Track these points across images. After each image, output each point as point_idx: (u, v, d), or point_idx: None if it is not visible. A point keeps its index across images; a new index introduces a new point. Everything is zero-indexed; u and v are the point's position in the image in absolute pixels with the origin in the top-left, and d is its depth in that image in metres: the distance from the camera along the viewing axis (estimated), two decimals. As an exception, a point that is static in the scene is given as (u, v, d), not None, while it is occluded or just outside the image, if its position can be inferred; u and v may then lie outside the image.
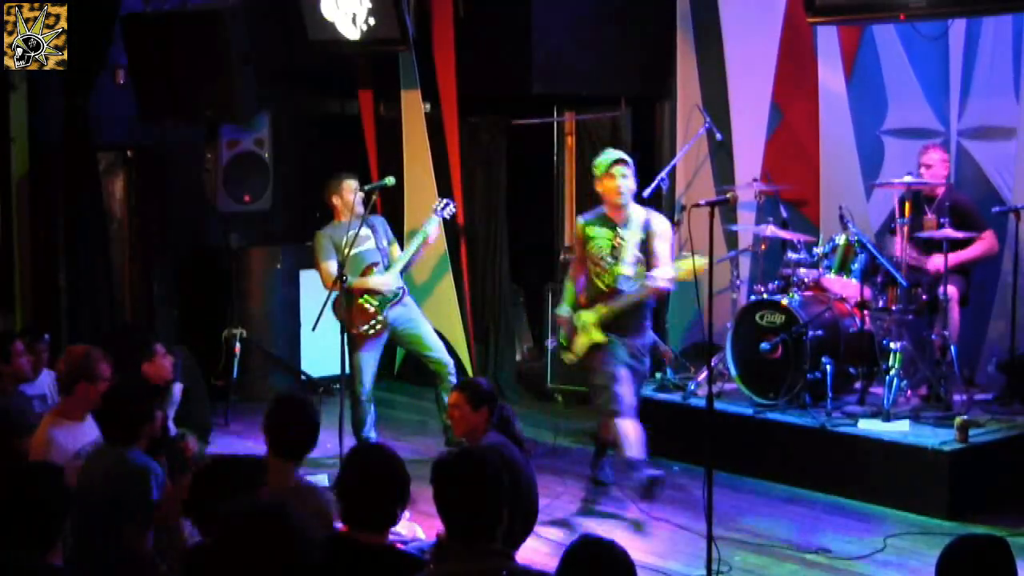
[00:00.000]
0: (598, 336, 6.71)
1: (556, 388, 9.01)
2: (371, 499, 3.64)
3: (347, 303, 7.41)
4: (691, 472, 7.19)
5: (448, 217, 7.97)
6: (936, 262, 7.33)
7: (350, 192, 7.64)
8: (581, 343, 6.80)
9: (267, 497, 3.90)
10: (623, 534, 6.30)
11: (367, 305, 7.55)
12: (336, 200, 7.70)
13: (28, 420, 5.88)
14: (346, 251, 7.44)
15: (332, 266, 7.52)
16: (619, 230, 6.74)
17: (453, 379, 7.57)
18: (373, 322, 7.56)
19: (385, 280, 7.60)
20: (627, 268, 6.69)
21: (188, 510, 4.00)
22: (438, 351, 7.70)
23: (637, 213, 6.81)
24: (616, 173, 6.73)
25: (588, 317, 6.78)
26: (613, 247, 6.73)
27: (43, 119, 8.70)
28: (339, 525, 3.85)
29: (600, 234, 6.79)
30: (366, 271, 7.62)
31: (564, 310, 6.98)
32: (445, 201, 7.96)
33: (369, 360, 7.63)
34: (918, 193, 7.47)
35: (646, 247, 6.72)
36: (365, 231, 7.61)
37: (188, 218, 9.75)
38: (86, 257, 8.69)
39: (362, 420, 7.69)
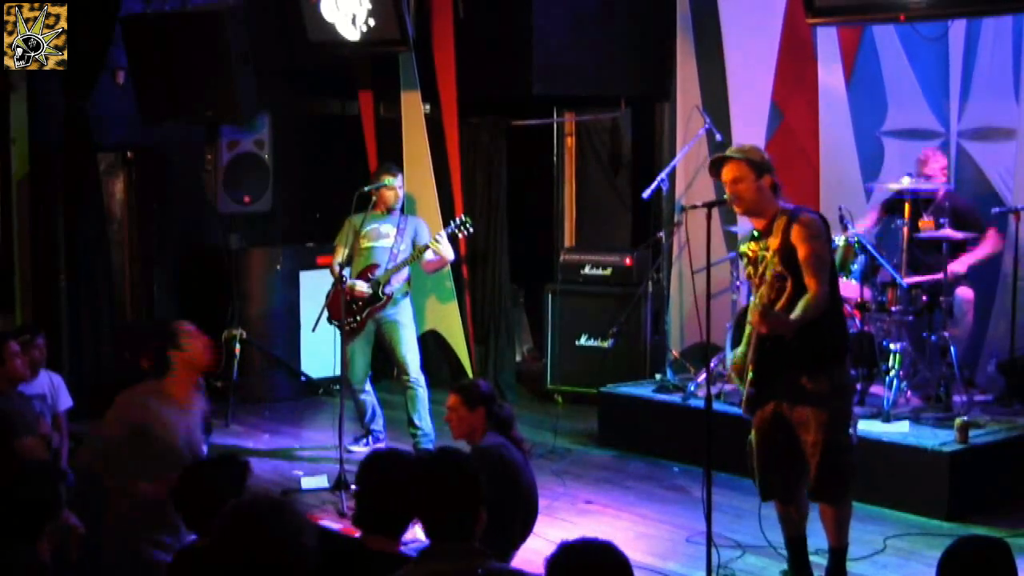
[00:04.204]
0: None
1: (556, 389, 9.01)
2: (386, 505, 3.65)
3: (333, 294, 7.64)
4: (691, 472, 7.19)
5: (462, 234, 7.80)
6: (955, 268, 7.34)
7: (388, 189, 7.71)
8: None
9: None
10: (623, 535, 6.29)
11: (346, 305, 7.60)
12: (374, 193, 7.72)
13: (26, 421, 5.88)
14: (362, 242, 7.63)
15: (339, 252, 7.70)
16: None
17: (417, 391, 7.60)
18: (350, 319, 7.62)
19: (357, 284, 7.59)
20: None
21: (178, 510, 4.01)
22: (406, 362, 7.66)
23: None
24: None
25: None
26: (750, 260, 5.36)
27: (43, 119, 8.70)
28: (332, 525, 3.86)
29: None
30: (367, 269, 7.66)
31: (738, 354, 5.44)
32: (462, 218, 7.77)
33: (356, 352, 7.70)
34: (916, 195, 7.47)
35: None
36: (388, 228, 7.71)
37: (188, 219, 9.76)
38: (86, 257, 8.69)
39: (363, 410, 7.81)
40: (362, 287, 7.61)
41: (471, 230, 7.84)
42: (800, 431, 5.28)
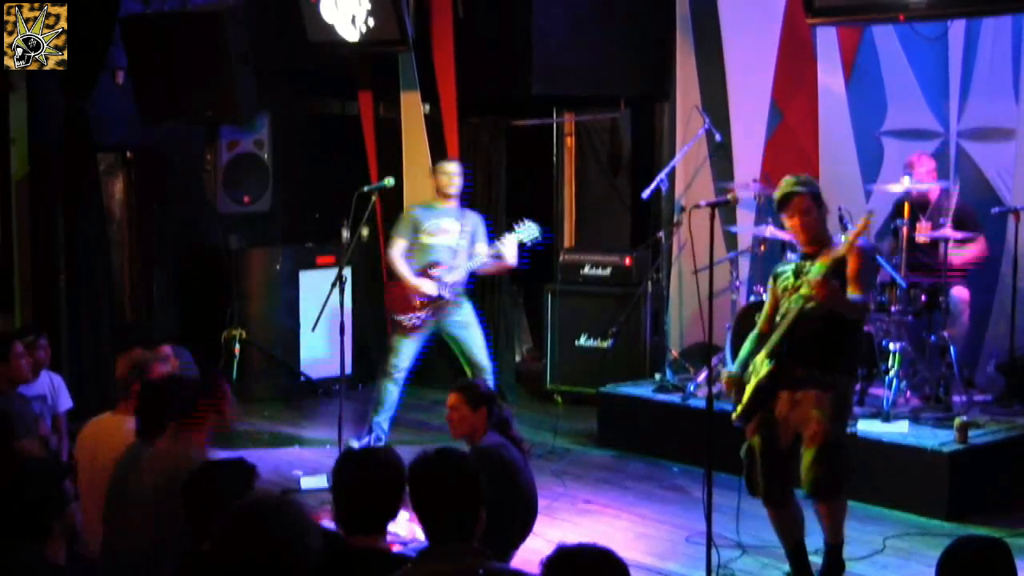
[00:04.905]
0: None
1: (556, 389, 9.01)
2: (364, 504, 3.63)
3: (395, 289, 7.72)
4: (691, 472, 7.19)
5: (529, 242, 7.77)
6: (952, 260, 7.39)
7: (442, 174, 7.81)
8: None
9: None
10: (623, 535, 6.30)
11: (405, 301, 7.70)
12: (432, 182, 7.86)
13: (26, 422, 5.88)
14: (422, 237, 7.70)
15: (400, 245, 7.73)
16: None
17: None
18: (412, 316, 7.69)
19: (423, 285, 7.65)
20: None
21: (185, 516, 3.98)
22: (479, 358, 7.80)
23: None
24: None
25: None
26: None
27: (43, 119, 8.70)
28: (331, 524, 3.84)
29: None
30: (429, 267, 7.71)
31: (734, 371, 5.62)
32: (529, 225, 7.76)
33: (408, 346, 7.77)
34: (912, 198, 7.47)
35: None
36: (450, 223, 7.75)
37: (188, 219, 9.76)
38: (86, 257, 8.69)
39: (382, 399, 7.78)
40: (429, 288, 7.64)
41: (539, 236, 7.75)
42: (802, 429, 5.31)
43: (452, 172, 7.81)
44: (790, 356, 5.33)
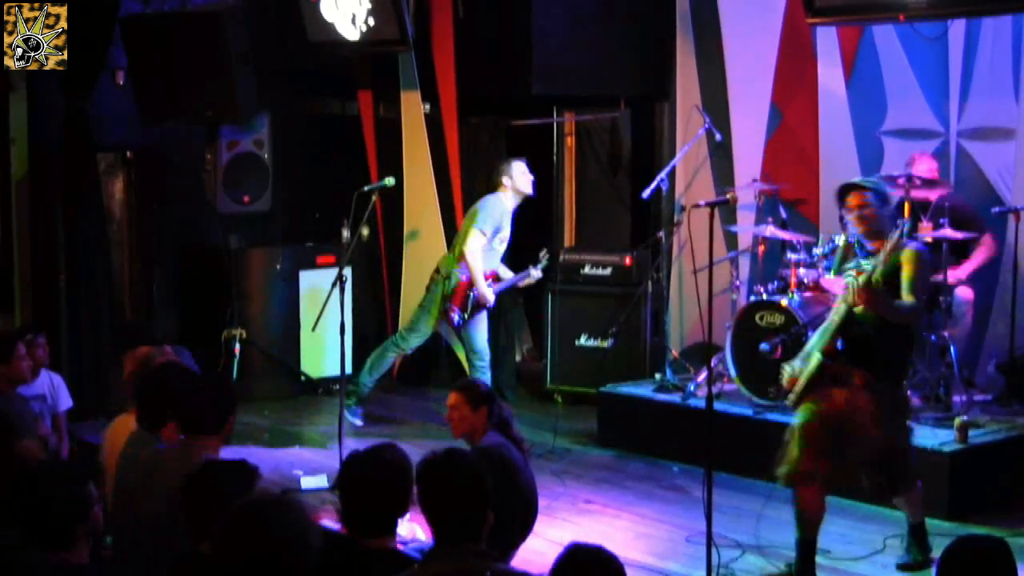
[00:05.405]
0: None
1: (556, 389, 9.00)
2: (371, 504, 3.63)
3: (452, 285, 7.93)
4: (691, 472, 7.19)
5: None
6: (957, 274, 7.39)
7: (523, 174, 8.02)
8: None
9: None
10: (622, 535, 6.30)
11: (467, 299, 7.93)
12: (507, 180, 8.02)
13: (26, 422, 5.88)
14: (495, 242, 7.96)
15: (482, 241, 7.92)
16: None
17: (486, 373, 7.94)
18: (456, 313, 7.95)
19: (488, 295, 7.96)
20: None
21: (185, 516, 3.97)
22: (479, 344, 8.06)
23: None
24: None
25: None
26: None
27: (43, 119, 8.70)
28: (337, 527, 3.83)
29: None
30: (490, 276, 8.02)
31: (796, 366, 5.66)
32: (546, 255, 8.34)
33: (429, 323, 8.07)
34: (913, 199, 7.47)
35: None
36: (507, 232, 8.04)
37: (188, 218, 9.75)
38: (86, 257, 8.69)
39: (379, 363, 8.13)
40: (490, 299, 7.97)
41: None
42: (862, 432, 5.38)
43: (528, 171, 8.02)
44: (841, 355, 5.45)
